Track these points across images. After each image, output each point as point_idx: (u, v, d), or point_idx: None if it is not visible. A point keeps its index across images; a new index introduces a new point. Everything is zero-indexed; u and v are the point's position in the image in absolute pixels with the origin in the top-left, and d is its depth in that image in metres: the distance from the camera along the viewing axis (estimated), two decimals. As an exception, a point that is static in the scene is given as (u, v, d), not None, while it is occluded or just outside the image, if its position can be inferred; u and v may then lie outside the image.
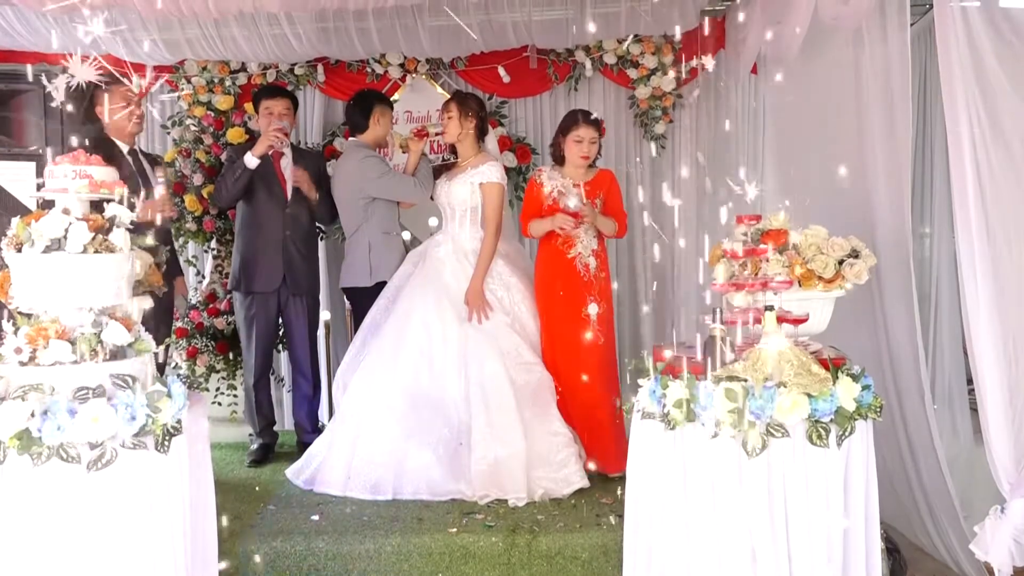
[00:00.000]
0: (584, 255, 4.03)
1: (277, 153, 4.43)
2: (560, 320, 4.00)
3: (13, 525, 2.27)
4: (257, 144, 4.30)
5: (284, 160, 4.47)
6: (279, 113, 4.41)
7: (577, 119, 4.02)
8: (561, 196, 3.98)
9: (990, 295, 2.88)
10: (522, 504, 3.62)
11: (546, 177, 4.06)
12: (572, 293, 3.99)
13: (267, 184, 4.40)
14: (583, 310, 3.96)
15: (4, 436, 2.24)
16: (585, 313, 3.95)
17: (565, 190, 3.99)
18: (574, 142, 3.99)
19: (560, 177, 4.03)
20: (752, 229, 2.96)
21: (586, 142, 3.98)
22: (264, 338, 4.50)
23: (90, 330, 2.43)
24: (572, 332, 3.96)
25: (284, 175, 4.45)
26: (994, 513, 2.90)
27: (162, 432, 2.41)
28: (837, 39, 3.88)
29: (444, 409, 3.87)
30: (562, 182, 4.02)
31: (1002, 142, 2.91)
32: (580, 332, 3.94)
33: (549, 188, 4.02)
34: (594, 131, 4.01)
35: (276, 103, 4.43)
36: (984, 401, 2.92)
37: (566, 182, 4.01)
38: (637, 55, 5.09)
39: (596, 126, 4.03)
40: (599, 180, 4.08)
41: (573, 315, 3.97)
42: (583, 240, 4.00)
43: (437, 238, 4.20)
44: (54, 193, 2.52)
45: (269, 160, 4.42)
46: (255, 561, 3.25)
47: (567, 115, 4.14)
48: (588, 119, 4.02)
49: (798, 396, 2.45)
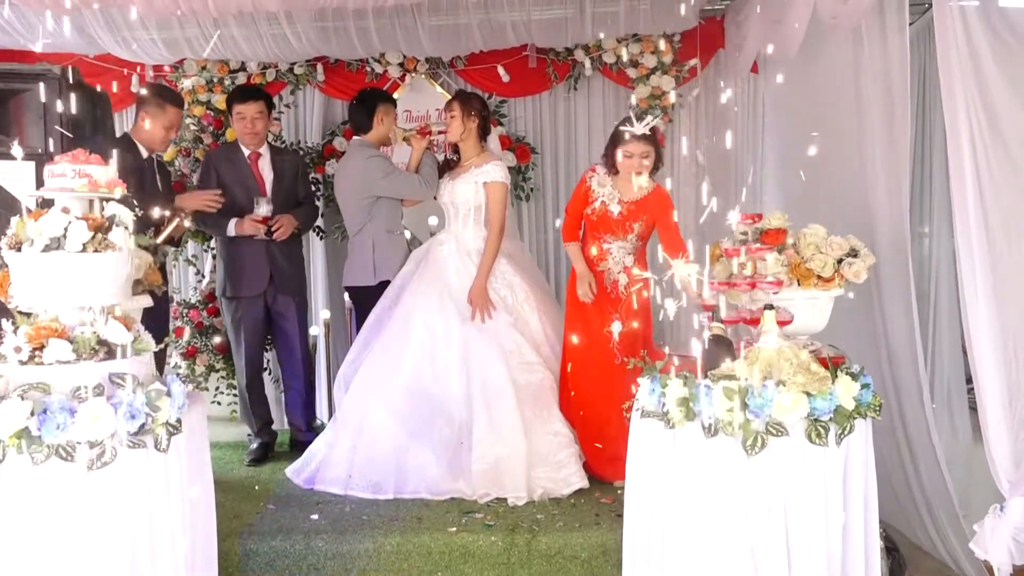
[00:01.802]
0: (614, 271, 3.94)
1: (255, 154, 4.42)
2: (582, 330, 3.94)
3: (13, 524, 2.27)
4: (244, 224, 4.28)
5: (262, 160, 4.44)
6: (251, 117, 4.34)
7: (624, 136, 3.74)
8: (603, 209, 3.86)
9: (989, 294, 2.89)
10: (522, 503, 3.62)
11: (596, 183, 3.90)
12: (597, 306, 3.93)
13: (245, 188, 4.37)
14: (605, 327, 3.78)
15: (4, 435, 2.24)
16: (607, 330, 3.76)
17: (609, 202, 3.85)
18: (625, 156, 3.76)
19: (610, 187, 3.88)
20: (752, 228, 2.96)
21: (637, 157, 3.75)
22: (252, 341, 4.48)
23: (90, 329, 2.43)
24: (590, 345, 3.90)
25: (262, 176, 4.42)
26: (993, 512, 2.90)
27: (162, 431, 2.41)
28: (836, 38, 3.88)
29: (445, 408, 3.87)
30: (609, 193, 3.87)
31: (1001, 141, 2.91)
32: (598, 347, 3.87)
33: (595, 195, 3.89)
34: (646, 145, 3.76)
35: (248, 107, 4.34)
36: (983, 400, 2.92)
37: (613, 194, 3.86)
38: (636, 54, 5.10)
39: (649, 141, 3.77)
40: (645, 203, 3.85)
41: (596, 329, 3.89)
42: (614, 255, 3.91)
43: (440, 237, 4.20)
44: (53, 192, 2.53)
45: (246, 163, 4.40)
46: (254, 560, 3.25)
47: (621, 122, 3.85)
48: (636, 135, 3.72)
49: (797, 395, 2.46)
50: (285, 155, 4.64)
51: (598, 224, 3.93)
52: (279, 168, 4.47)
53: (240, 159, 4.41)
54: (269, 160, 4.46)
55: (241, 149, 4.45)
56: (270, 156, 4.47)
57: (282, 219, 4.34)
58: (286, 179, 4.48)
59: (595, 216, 3.92)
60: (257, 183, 4.40)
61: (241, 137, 4.42)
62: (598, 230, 3.94)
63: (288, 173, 4.49)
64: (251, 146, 4.42)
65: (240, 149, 4.45)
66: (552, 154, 5.37)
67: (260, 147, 4.44)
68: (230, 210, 4.33)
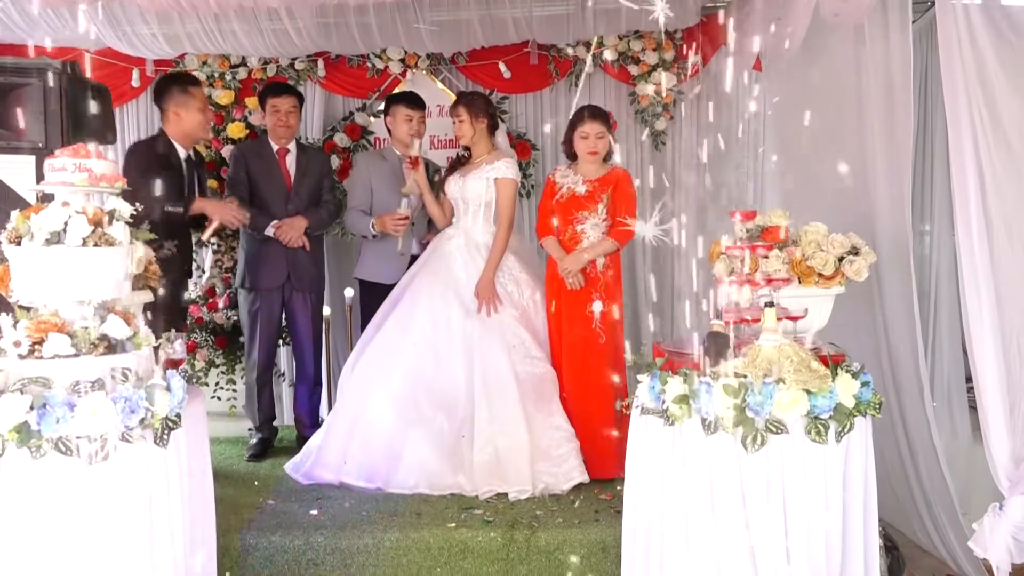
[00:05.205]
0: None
1: (283, 149, 4.48)
2: (566, 317, 3.99)
3: (12, 518, 2.27)
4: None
5: (289, 156, 4.50)
6: (286, 111, 4.43)
7: (583, 115, 3.98)
8: (570, 192, 3.97)
9: (990, 293, 2.89)
10: (524, 497, 3.63)
11: (559, 175, 4.06)
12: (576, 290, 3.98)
13: (271, 182, 4.43)
14: (587, 307, 3.94)
15: (3, 429, 2.24)
16: (589, 310, 3.94)
17: (574, 186, 3.97)
18: (581, 138, 3.96)
19: (572, 174, 4.02)
20: (752, 225, 2.95)
21: (592, 137, 3.94)
22: (267, 334, 4.51)
23: (90, 323, 2.43)
24: (575, 329, 3.95)
25: (288, 171, 4.48)
26: (992, 510, 2.91)
27: (161, 426, 2.41)
28: (839, 36, 3.88)
29: (446, 400, 3.88)
30: (573, 179, 4.00)
31: (1003, 140, 2.92)
32: (583, 329, 3.94)
33: (560, 185, 4.02)
34: (600, 126, 3.96)
35: (283, 101, 4.45)
36: (983, 399, 2.93)
37: (576, 178, 4.00)
38: (638, 51, 5.09)
39: (602, 119, 3.99)
40: (608, 178, 4.00)
41: (578, 312, 3.96)
42: (588, 236, 3.97)
43: (448, 232, 4.22)
44: (54, 186, 2.52)
45: (274, 157, 4.46)
46: (254, 555, 3.26)
47: (575, 111, 4.10)
48: (593, 113, 3.98)
49: (797, 392, 2.45)
50: (312, 153, 4.69)
51: (568, 205, 3.98)
52: (305, 165, 4.52)
53: (268, 154, 4.48)
54: (295, 157, 4.52)
55: (270, 144, 4.51)
56: (296, 153, 4.53)
57: (287, 227, 4.35)
58: (312, 177, 4.53)
59: (564, 199, 4.00)
60: (284, 178, 4.47)
61: (273, 130, 4.47)
62: (569, 211, 3.98)
63: (314, 171, 4.54)
64: (282, 140, 4.47)
65: (269, 144, 4.51)
66: (553, 151, 5.35)
67: (290, 143, 4.50)
68: (255, 204, 4.39)
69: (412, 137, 4.37)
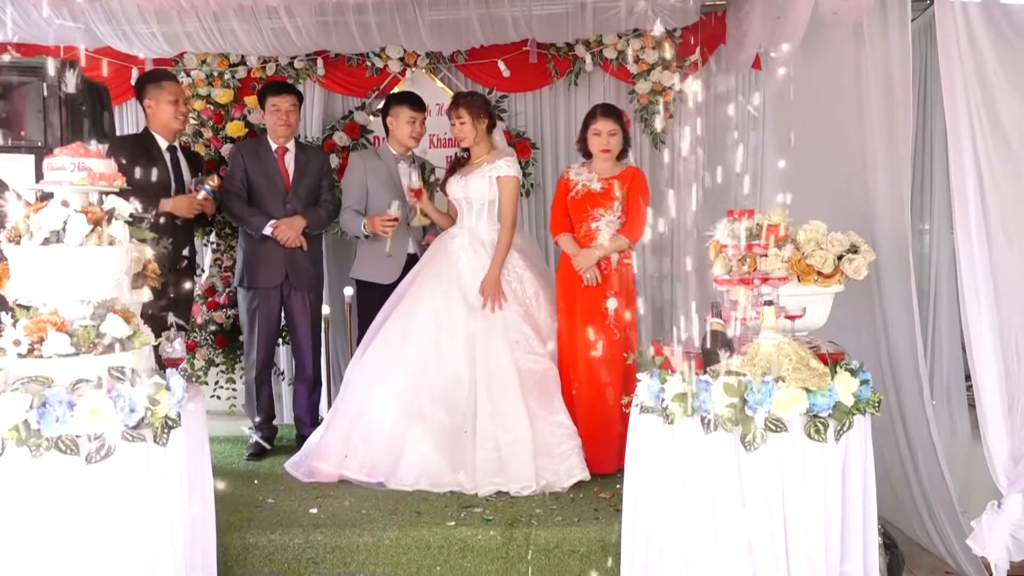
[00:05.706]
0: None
1: (281, 148, 4.48)
2: (580, 313, 3.97)
3: (12, 516, 2.27)
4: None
5: (288, 155, 4.49)
6: (286, 110, 4.42)
7: (595, 113, 3.99)
8: (585, 190, 3.97)
9: (989, 291, 2.89)
10: (527, 493, 3.63)
11: (573, 173, 4.06)
12: (592, 287, 3.97)
13: (269, 181, 4.42)
14: (602, 303, 3.94)
15: (3, 428, 2.24)
16: (604, 307, 3.93)
17: (589, 183, 3.97)
18: (593, 135, 3.97)
19: (587, 172, 4.02)
20: (752, 224, 2.95)
21: (604, 134, 3.94)
22: (266, 332, 4.50)
23: (89, 322, 2.43)
24: (589, 325, 3.93)
25: (287, 170, 4.47)
26: (991, 508, 2.91)
27: (161, 425, 2.41)
28: (838, 35, 3.88)
29: (449, 397, 3.88)
30: (587, 176, 4.00)
31: (1002, 138, 2.91)
32: (598, 326, 3.92)
33: (574, 183, 4.02)
34: (613, 123, 3.96)
35: (283, 100, 4.44)
36: (982, 397, 2.93)
37: (591, 176, 4.00)
38: (637, 50, 5.09)
39: (615, 117, 3.98)
40: (623, 176, 3.99)
41: (594, 308, 3.95)
42: (603, 233, 3.95)
43: (451, 231, 4.22)
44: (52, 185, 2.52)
45: (272, 156, 4.46)
46: (253, 554, 3.26)
47: (589, 109, 4.11)
48: (605, 111, 3.99)
49: (796, 391, 2.46)
50: (311, 152, 4.68)
51: (583, 202, 3.98)
52: (304, 164, 4.51)
53: (267, 153, 4.47)
54: (294, 156, 4.51)
55: (269, 143, 4.50)
56: (295, 152, 4.52)
57: (285, 227, 4.35)
58: (311, 176, 4.52)
59: (579, 196, 4.00)
60: (282, 177, 4.46)
61: (273, 129, 4.46)
62: (584, 208, 3.98)
63: (312, 170, 4.53)
64: (281, 139, 4.47)
65: (268, 143, 4.50)
66: (552, 149, 5.36)
67: (288, 141, 4.49)
68: (253, 203, 4.40)
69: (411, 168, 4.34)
